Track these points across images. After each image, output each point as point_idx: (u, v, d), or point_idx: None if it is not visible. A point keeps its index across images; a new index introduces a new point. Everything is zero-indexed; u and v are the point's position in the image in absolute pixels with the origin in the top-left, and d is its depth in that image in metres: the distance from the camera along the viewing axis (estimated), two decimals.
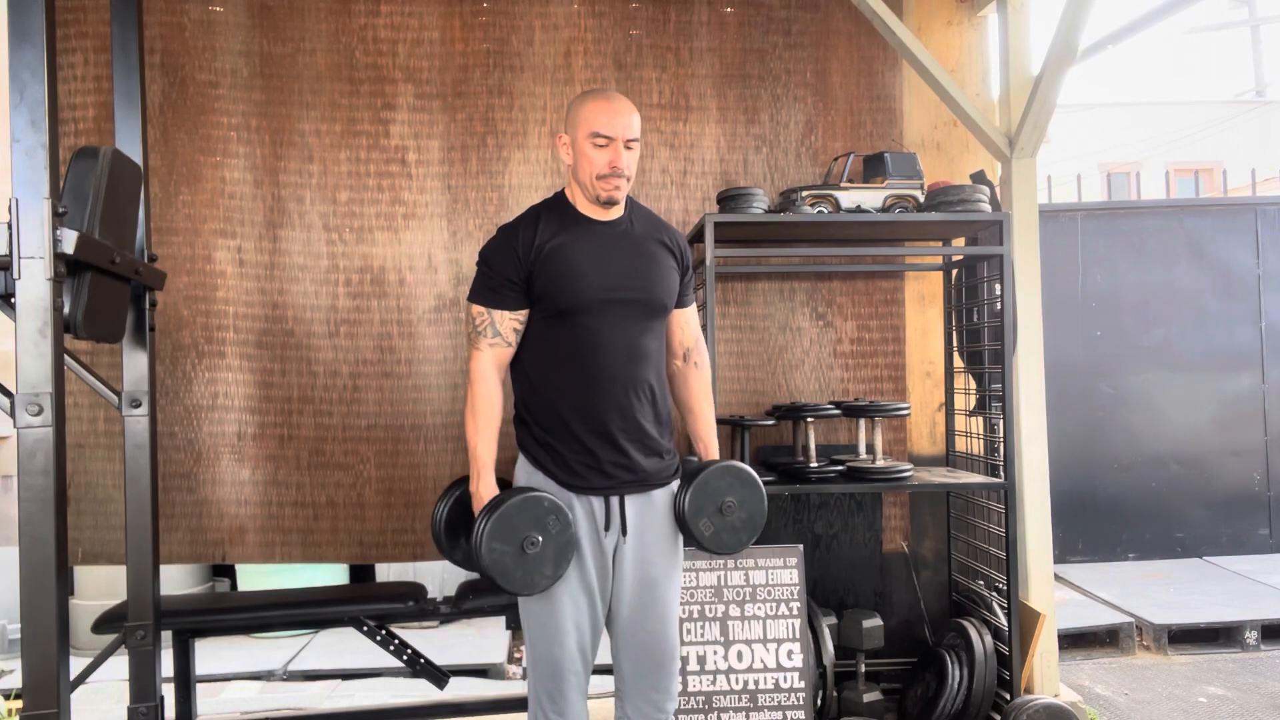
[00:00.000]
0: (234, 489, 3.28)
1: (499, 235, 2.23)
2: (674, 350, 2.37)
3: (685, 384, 2.39)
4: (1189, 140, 17.09)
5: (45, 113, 1.84)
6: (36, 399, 1.83)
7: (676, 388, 2.39)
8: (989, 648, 3.14)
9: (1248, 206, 5.66)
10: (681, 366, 2.39)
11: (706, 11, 3.48)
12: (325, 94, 3.31)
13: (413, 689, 3.76)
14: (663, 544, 2.24)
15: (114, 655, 2.66)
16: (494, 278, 2.17)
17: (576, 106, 2.19)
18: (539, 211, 2.24)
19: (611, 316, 2.16)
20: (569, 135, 2.20)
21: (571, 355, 2.16)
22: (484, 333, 2.18)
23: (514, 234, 2.19)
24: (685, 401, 2.40)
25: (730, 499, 2.24)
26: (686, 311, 2.38)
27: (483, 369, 2.18)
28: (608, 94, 2.20)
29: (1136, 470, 5.54)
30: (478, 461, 2.16)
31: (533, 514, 2.04)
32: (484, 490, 2.14)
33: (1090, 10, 2.94)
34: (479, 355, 2.19)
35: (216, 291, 3.27)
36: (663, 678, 2.25)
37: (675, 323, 2.36)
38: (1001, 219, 3.12)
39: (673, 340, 2.37)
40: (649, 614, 2.22)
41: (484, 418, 2.17)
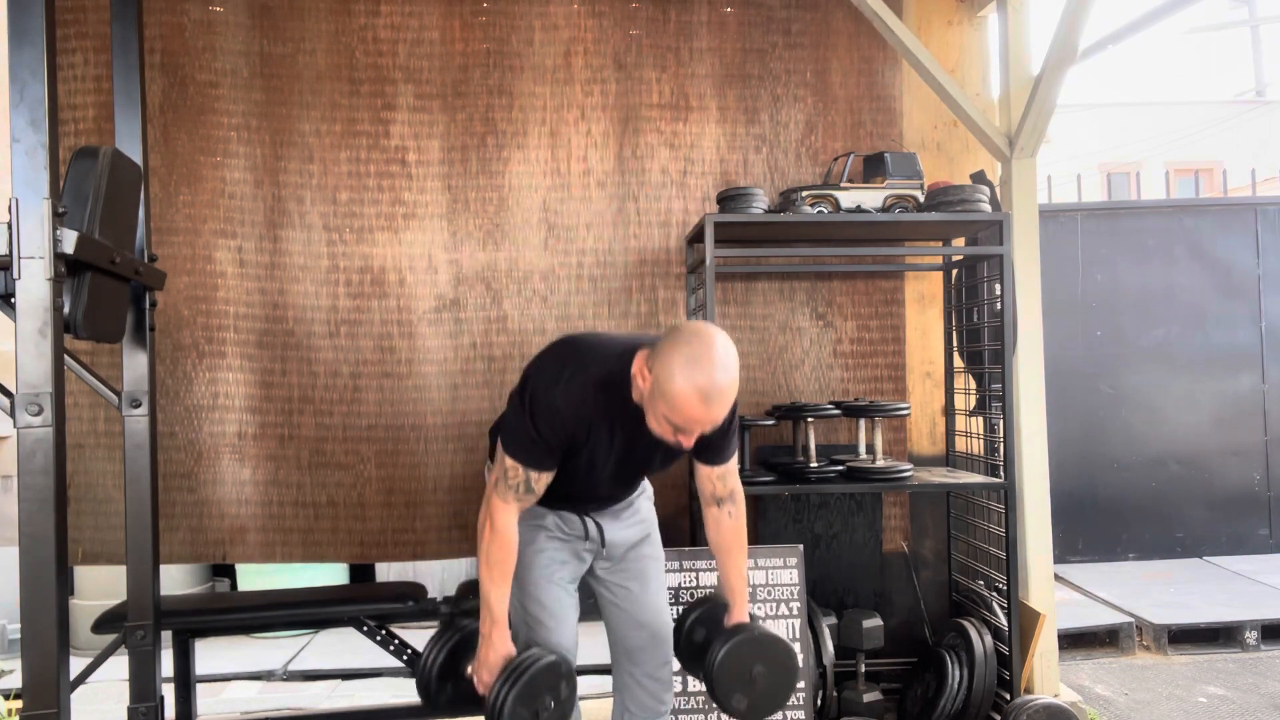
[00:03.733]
0: (234, 489, 3.28)
1: (547, 404, 2.02)
2: (706, 498, 2.28)
3: (718, 530, 2.29)
4: (1189, 140, 17.09)
5: (45, 113, 1.84)
6: (36, 399, 1.82)
7: (709, 530, 2.30)
8: (989, 648, 3.14)
9: (1248, 206, 5.66)
10: (716, 512, 2.28)
11: (706, 11, 3.48)
12: (325, 94, 3.31)
13: (413, 689, 3.75)
14: (641, 542, 2.36)
15: (114, 655, 2.66)
16: (540, 444, 2.03)
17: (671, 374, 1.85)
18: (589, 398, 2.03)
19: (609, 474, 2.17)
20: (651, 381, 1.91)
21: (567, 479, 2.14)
22: (515, 488, 2.07)
23: (563, 415, 2.02)
24: (716, 545, 2.30)
25: (759, 668, 2.21)
26: (723, 467, 2.24)
27: (507, 522, 2.08)
28: (708, 393, 1.85)
29: (1136, 470, 5.54)
30: (493, 614, 2.10)
31: (551, 680, 2.10)
32: (500, 647, 2.10)
33: (1090, 10, 2.94)
34: (506, 509, 2.08)
35: (217, 291, 3.27)
36: (660, 667, 2.34)
37: (709, 476, 2.24)
38: (1001, 219, 3.12)
39: (704, 490, 2.27)
40: (641, 606, 2.33)
41: (501, 571, 2.10)
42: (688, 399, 1.84)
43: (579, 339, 2.21)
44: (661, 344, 1.92)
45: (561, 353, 2.11)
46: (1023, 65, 3.38)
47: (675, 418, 1.88)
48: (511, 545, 2.10)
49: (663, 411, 1.89)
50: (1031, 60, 3.36)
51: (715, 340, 1.88)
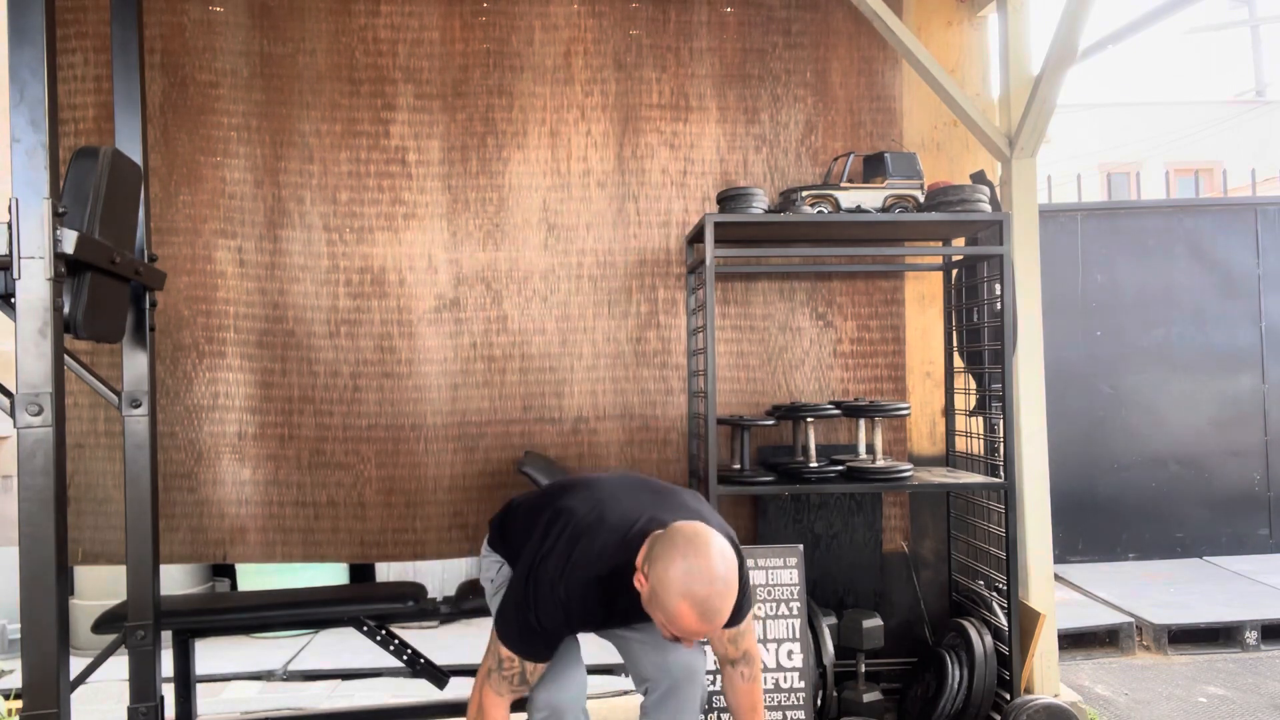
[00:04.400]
0: (234, 489, 3.28)
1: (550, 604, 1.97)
2: (719, 657, 2.22)
3: (733, 691, 2.23)
4: (1189, 140, 17.09)
5: (45, 113, 1.84)
6: (36, 399, 1.83)
7: (724, 688, 2.25)
8: (989, 648, 3.14)
9: (1248, 206, 5.66)
10: (730, 671, 2.22)
11: (706, 11, 3.48)
12: (325, 94, 3.31)
13: (413, 689, 3.75)
14: None
15: (114, 655, 2.66)
16: (540, 635, 1.99)
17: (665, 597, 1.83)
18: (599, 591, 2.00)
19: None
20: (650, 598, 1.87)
21: None
22: (511, 679, 2.01)
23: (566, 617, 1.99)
24: (733, 707, 2.24)
25: None
26: (734, 629, 2.16)
27: (499, 708, 2.02)
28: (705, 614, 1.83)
29: (1136, 470, 5.54)
30: None
31: None
32: None
33: (1090, 10, 2.94)
34: (499, 702, 2.02)
35: (217, 291, 3.27)
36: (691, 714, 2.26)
37: (720, 638, 2.17)
38: (1001, 219, 3.12)
39: (715, 649, 2.21)
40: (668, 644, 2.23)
41: None
42: (683, 615, 1.82)
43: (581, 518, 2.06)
44: (658, 550, 1.87)
45: (565, 538, 2.02)
46: (1023, 65, 3.37)
47: (673, 628, 1.86)
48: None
49: (660, 620, 1.87)
50: (1031, 60, 3.36)
51: (711, 548, 1.84)
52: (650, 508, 2.05)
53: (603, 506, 2.07)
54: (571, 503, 2.11)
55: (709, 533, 1.89)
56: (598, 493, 2.13)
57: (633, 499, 2.10)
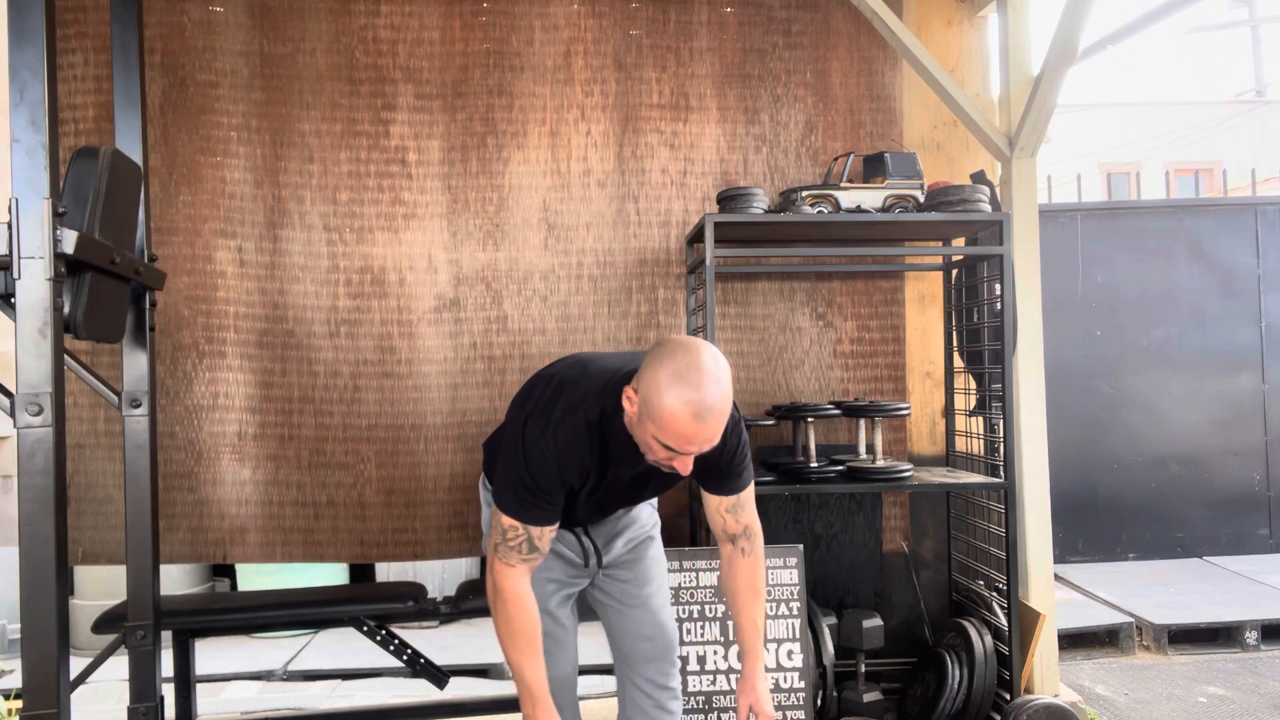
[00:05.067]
0: (234, 489, 3.28)
1: (541, 458, 1.90)
2: (718, 533, 2.15)
3: (732, 570, 2.15)
4: (1189, 140, 17.10)
5: (45, 113, 1.84)
6: (36, 399, 1.83)
7: (722, 570, 2.19)
8: (989, 648, 3.14)
9: (1248, 206, 5.66)
10: (729, 550, 2.15)
11: (706, 11, 3.48)
12: (325, 94, 3.31)
13: (413, 689, 3.75)
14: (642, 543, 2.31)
15: (114, 655, 2.66)
16: (539, 495, 1.91)
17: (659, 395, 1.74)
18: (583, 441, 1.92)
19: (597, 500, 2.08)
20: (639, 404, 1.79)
21: None
22: (518, 549, 1.93)
23: (558, 468, 1.91)
24: (730, 589, 2.17)
25: None
26: (733, 498, 2.10)
27: (517, 587, 1.93)
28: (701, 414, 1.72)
29: (1136, 470, 5.53)
30: (531, 692, 1.94)
31: None
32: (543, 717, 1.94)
33: (1090, 10, 2.94)
34: (511, 572, 1.93)
35: (217, 291, 3.27)
36: (667, 675, 2.29)
37: (717, 509, 2.11)
38: (1001, 219, 3.12)
39: (714, 524, 2.14)
40: (644, 611, 2.27)
41: (528, 639, 1.93)
42: (676, 416, 1.71)
43: (565, 372, 2.03)
44: (646, 361, 1.80)
45: (550, 392, 1.97)
46: (1023, 65, 3.38)
47: (666, 437, 1.75)
48: (531, 609, 1.95)
49: (652, 433, 1.77)
50: (1031, 60, 3.36)
51: (702, 352, 1.76)
52: (636, 358, 1.96)
53: (586, 364, 2.03)
54: (553, 369, 2.09)
55: (698, 341, 1.81)
56: (580, 356, 2.11)
57: (619, 358, 2.05)
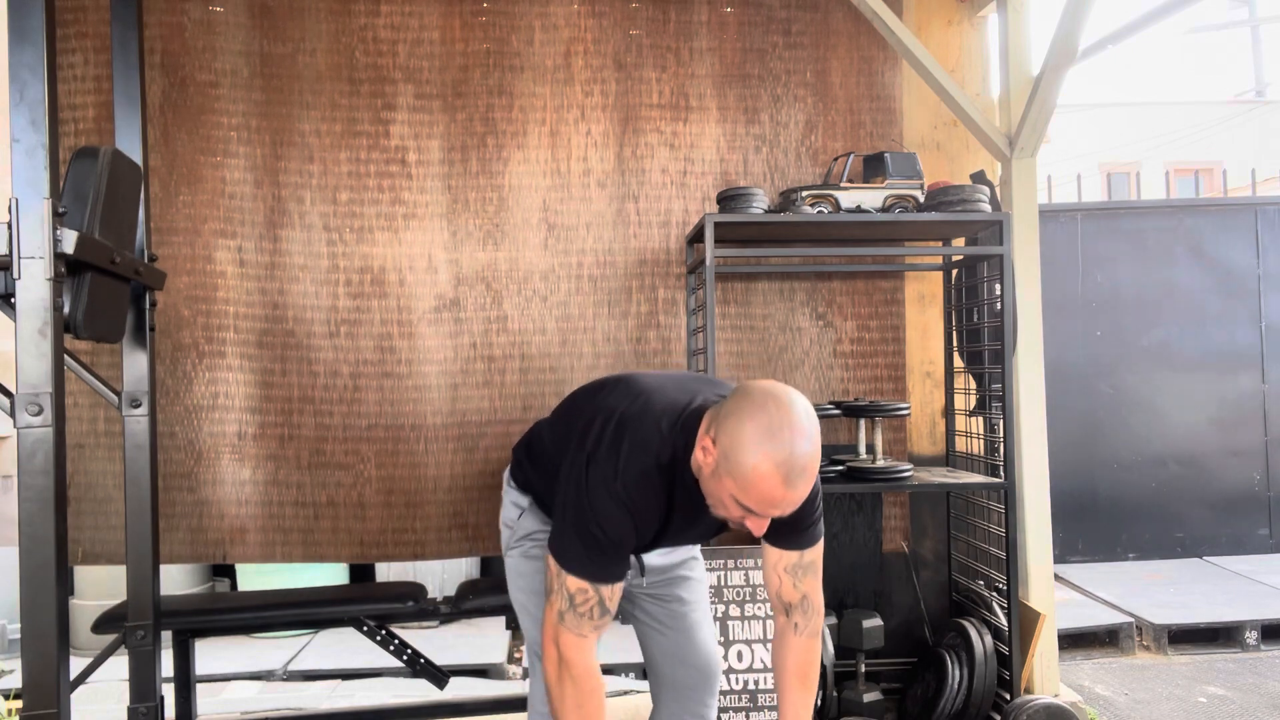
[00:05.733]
0: (234, 489, 3.28)
1: (618, 508, 1.71)
2: (773, 599, 1.94)
3: (782, 647, 1.92)
4: (1189, 140, 17.09)
5: (45, 113, 1.84)
6: (36, 399, 1.82)
7: (774, 646, 1.95)
8: (989, 648, 3.14)
9: (1248, 206, 5.66)
10: (783, 623, 1.92)
11: (706, 11, 3.48)
12: (325, 94, 3.31)
13: (413, 689, 3.75)
14: (684, 563, 2.16)
15: (114, 655, 2.66)
16: (608, 551, 1.71)
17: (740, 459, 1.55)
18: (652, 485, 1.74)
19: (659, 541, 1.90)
20: (718, 457, 1.59)
21: None
22: (590, 614, 1.70)
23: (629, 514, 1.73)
24: (777, 667, 1.93)
25: None
26: (795, 557, 1.88)
27: (590, 661, 1.71)
28: (791, 477, 1.55)
29: (1136, 470, 5.54)
30: None
31: None
32: None
33: (1090, 10, 2.94)
34: (584, 644, 1.70)
35: (217, 291, 3.26)
36: (708, 707, 2.14)
37: (776, 567, 1.90)
38: (1001, 219, 3.12)
39: (770, 585, 1.93)
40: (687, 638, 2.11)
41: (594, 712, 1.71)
42: (764, 477, 1.53)
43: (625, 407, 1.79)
44: (728, 408, 1.60)
45: (612, 431, 1.75)
46: (1023, 65, 3.37)
47: (747, 499, 1.56)
48: (602, 687, 1.73)
49: (731, 491, 1.58)
50: (1031, 60, 3.36)
51: (795, 405, 1.57)
52: (702, 388, 1.81)
53: (648, 396, 1.79)
54: (610, 400, 1.83)
55: (789, 391, 1.60)
56: (637, 385, 1.85)
57: (678, 386, 1.84)
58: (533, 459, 2.08)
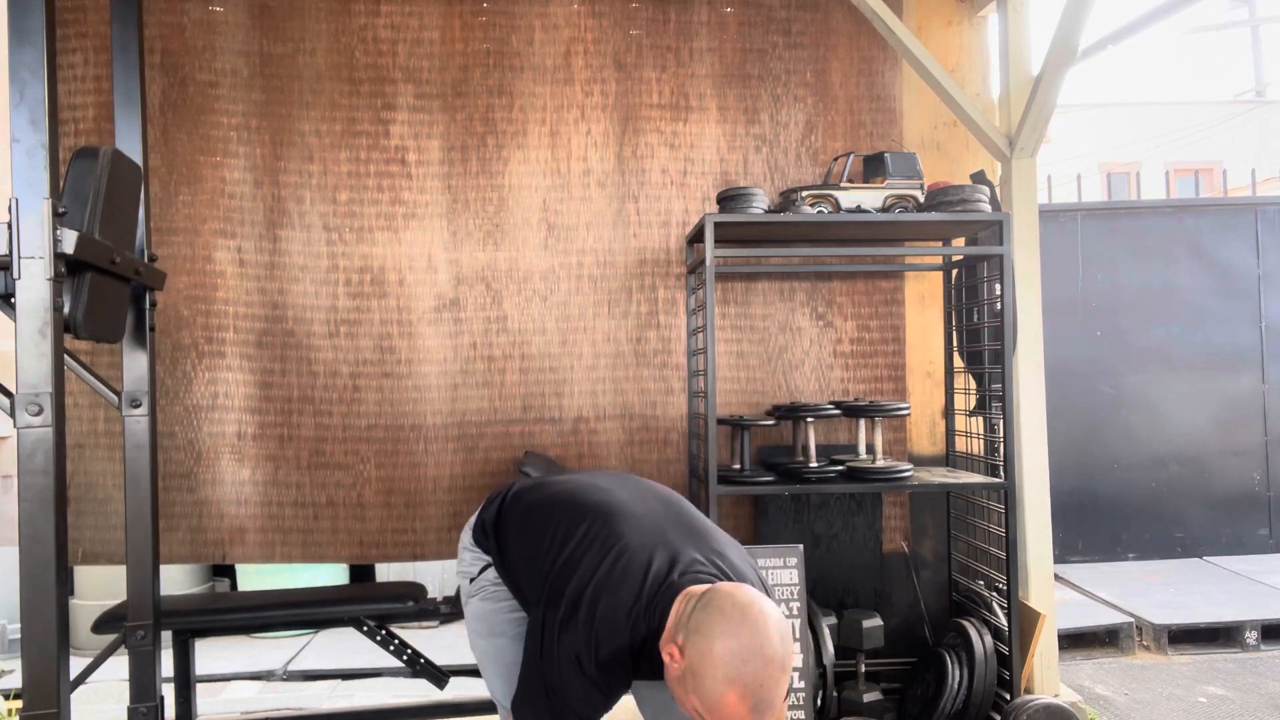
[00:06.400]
0: (234, 489, 3.28)
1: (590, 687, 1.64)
2: None
3: None
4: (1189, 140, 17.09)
5: (45, 113, 1.84)
6: (36, 399, 1.83)
7: None
8: (989, 648, 3.14)
9: (1248, 206, 5.66)
10: None
11: (706, 11, 3.48)
12: (325, 94, 3.31)
13: (413, 689, 3.75)
14: None
15: (114, 655, 2.66)
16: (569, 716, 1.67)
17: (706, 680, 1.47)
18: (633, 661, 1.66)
19: None
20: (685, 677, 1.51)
21: None
22: None
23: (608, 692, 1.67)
24: None
25: None
26: None
27: None
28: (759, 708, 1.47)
29: (1136, 470, 5.54)
30: None
31: None
32: None
33: (1090, 10, 2.94)
34: None
35: (216, 291, 3.27)
36: None
37: None
38: (1001, 219, 3.12)
39: None
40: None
41: None
42: (729, 706, 1.45)
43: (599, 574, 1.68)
44: (698, 620, 1.50)
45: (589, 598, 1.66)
46: (1023, 65, 3.37)
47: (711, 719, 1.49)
48: None
49: (695, 707, 1.50)
50: (1031, 60, 3.36)
51: (768, 627, 1.47)
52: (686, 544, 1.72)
53: (627, 557, 1.69)
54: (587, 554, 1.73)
55: (763, 602, 1.52)
56: (618, 536, 1.74)
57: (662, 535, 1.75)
58: (501, 547, 1.99)
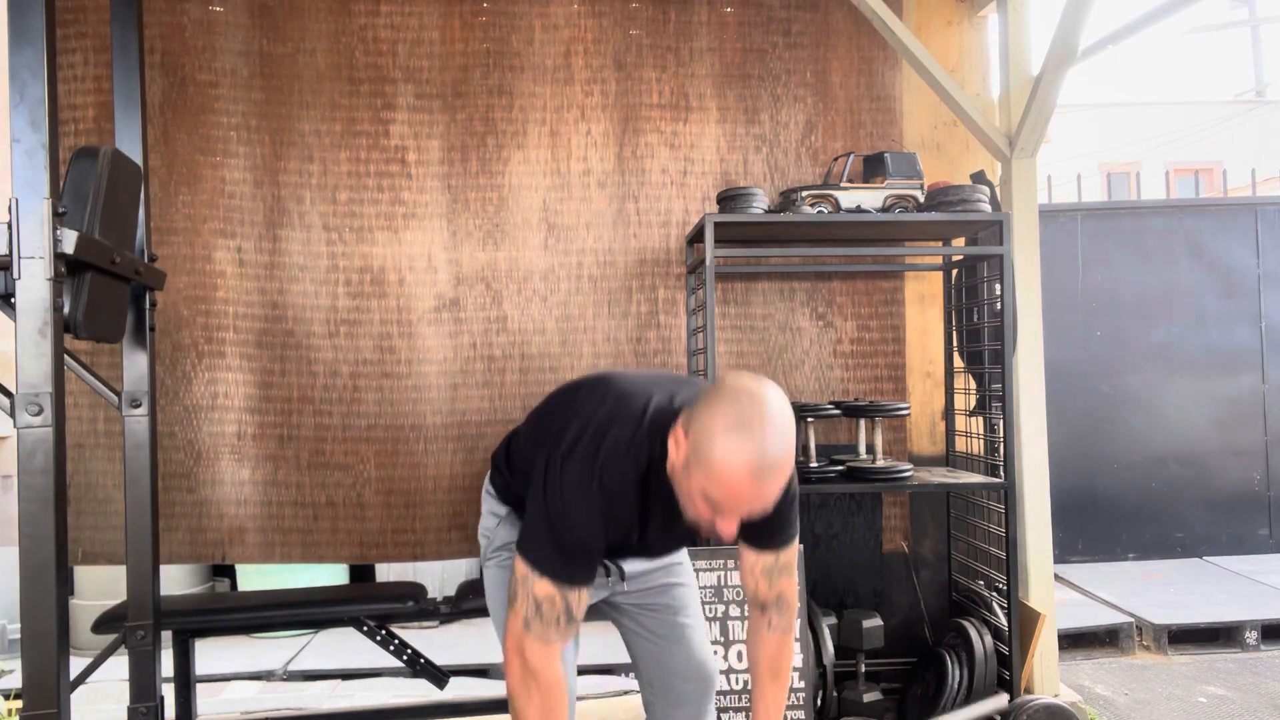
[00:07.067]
0: (234, 489, 3.28)
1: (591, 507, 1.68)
2: (750, 596, 1.91)
3: (755, 643, 1.91)
4: (1189, 140, 17.09)
5: (45, 113, 1.84)
6: (36, 399, 1.83)
7: (749, 642, 1.94)
8: (989, 648, 3.14)
9: (1248, 206, 5.66)
10: (758, 620, 1.90)
11: (706, 11, 3.48)
12: (325, 94, 3.31)
13: (413, 689, 3.75)
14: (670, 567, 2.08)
15: (114, 655, 2.66)
16: (579, 553, 1.68)
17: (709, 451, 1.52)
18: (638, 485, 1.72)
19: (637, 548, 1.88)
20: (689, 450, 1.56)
21: None
22: (556, 621, 1.65)
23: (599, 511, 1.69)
24: (752, 661, 1.91)
25: None
26: (772, 556, 1.84)
27: (552, 665, 1.65)
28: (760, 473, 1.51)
29: (1136, 470, 5.54)
30: None
31: None
32: None
33: (1090, 10, 2.94)
34: (546, 649, 1.65)
35: (216, 291, 3.27)
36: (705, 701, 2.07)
37: (752, 568, 1.87)
38: (1001, 219, 3.12)
39: (746, 585, 1.91)
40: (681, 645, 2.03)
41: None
42: (731, 469, 1.49)
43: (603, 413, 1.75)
44: (702, 401, 1.57)
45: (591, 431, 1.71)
46: (1023, 65, 3.37)
47: (715, 492, 1.53)
48: (562, 692, 1.67)
49: (700, 485, 1.54)
50: (1031, 60, 3.36)
51: (768, 398, 1.53)
52: (681, 389, 1.78)
53: (625, 398, 1.76)
54: (587, 403, 1.79)
55: (765, 384, 1.56)
56: (615, 386, 1.81)
57: (657, 385, 1.81)
58: (511, 465, 2.02)
